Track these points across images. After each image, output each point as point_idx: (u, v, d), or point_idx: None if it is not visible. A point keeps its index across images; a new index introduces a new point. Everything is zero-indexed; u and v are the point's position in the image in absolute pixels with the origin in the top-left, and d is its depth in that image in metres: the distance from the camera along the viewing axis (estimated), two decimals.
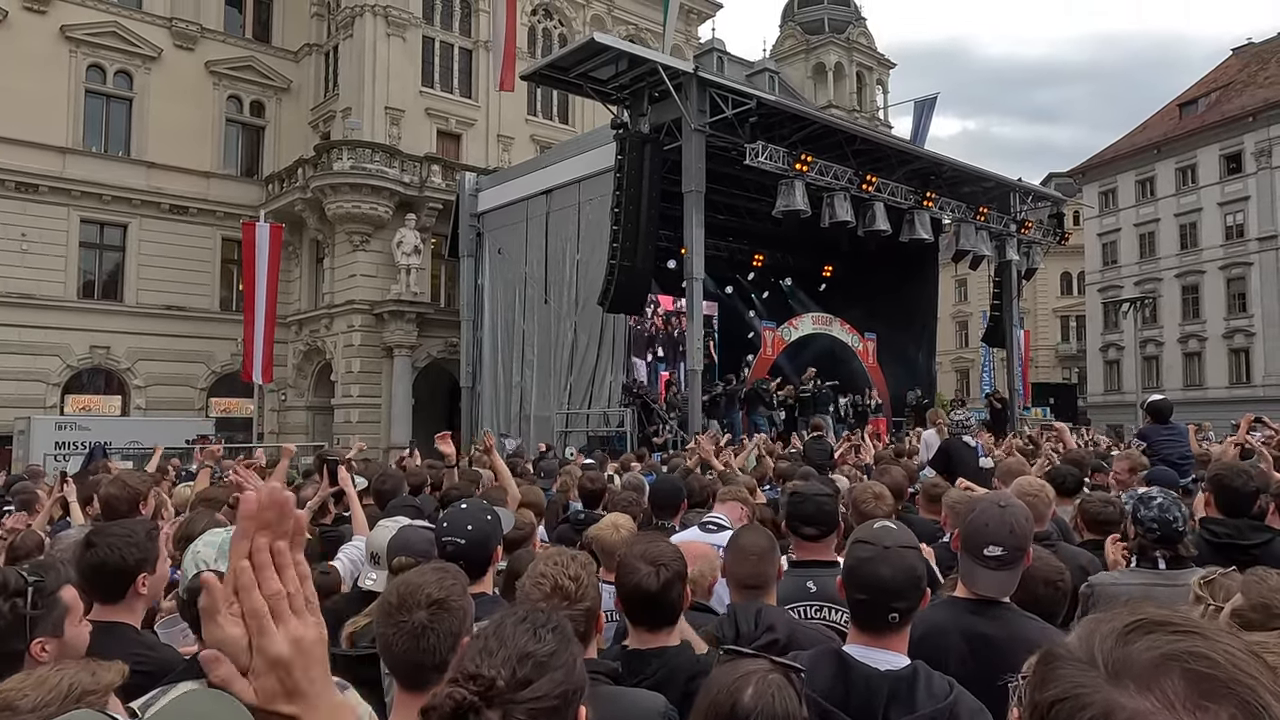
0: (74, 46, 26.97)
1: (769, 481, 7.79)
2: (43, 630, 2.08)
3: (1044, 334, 53.14)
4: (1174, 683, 0.72)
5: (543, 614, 1.50)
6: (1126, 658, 0.75)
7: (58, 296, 26.41)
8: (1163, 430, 8.05)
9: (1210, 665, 0.73)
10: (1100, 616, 0.82)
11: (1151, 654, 0.75)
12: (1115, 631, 0.78)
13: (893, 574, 2.24)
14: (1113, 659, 0.76)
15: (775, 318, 23.73)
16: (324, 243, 28.32)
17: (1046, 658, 0.82)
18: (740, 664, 1.92)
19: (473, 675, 1.32)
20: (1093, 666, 0.76)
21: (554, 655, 1.39)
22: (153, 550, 2.77)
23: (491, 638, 1.40)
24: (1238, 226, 41.14)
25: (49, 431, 22.93)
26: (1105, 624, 0.80)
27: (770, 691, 1.81)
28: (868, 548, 2.31)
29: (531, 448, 16.68)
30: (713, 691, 1.86)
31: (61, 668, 1.67)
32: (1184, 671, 0.73)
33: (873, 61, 55.36)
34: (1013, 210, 23.62)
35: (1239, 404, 30.16)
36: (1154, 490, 3.48)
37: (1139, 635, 0.77)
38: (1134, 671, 0.74)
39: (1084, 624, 0.83)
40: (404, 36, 28.54)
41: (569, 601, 2.37)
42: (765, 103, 17.68)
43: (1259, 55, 43.98)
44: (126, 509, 4.07)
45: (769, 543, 3.11)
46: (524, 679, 1.33)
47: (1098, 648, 0.78)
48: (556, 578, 2.41)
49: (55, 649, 2.08)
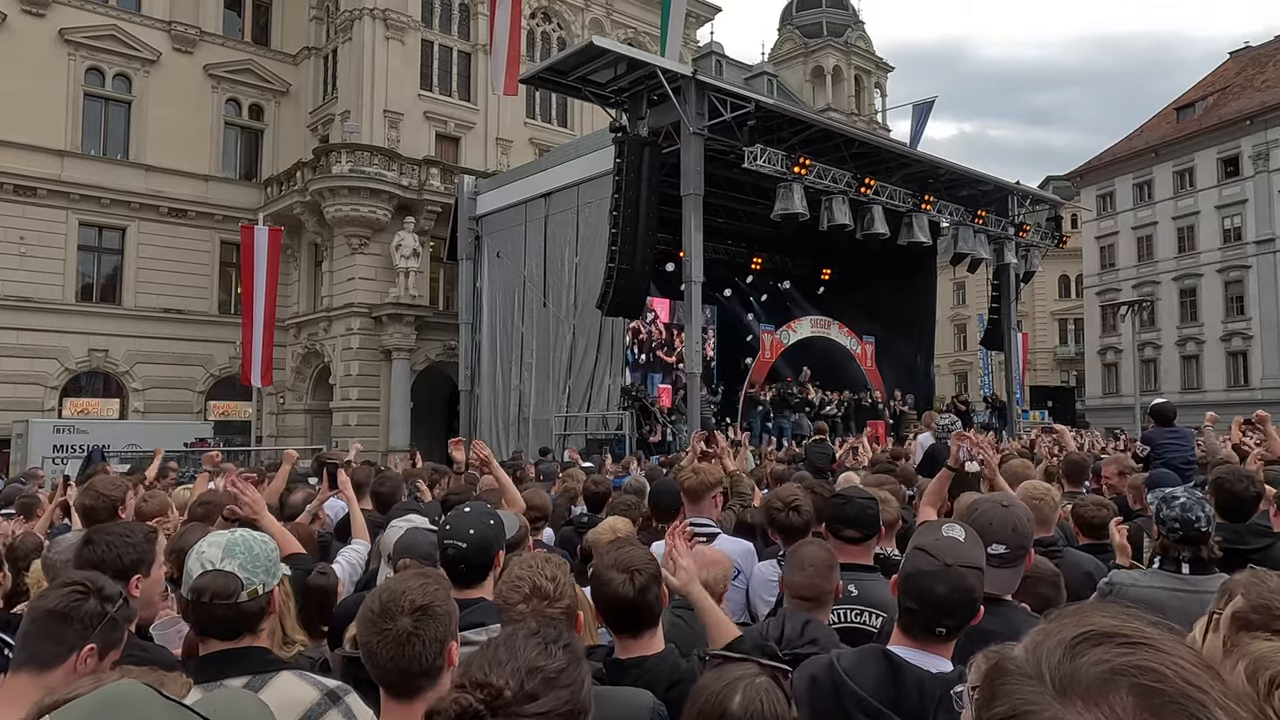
0: (73, 50, 26.98)
1: (766, 484, 7.79)
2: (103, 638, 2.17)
3: (1042, 337, 53.16)
4: (1122, 698, 0.71)
5: (555, 630, 1.49)
6: (1074, 673, 0.74)
7: (56, 299, 26.39)
8: (1167, 433, 7.94)
9: (1158, 679, 0.72)
10: (1048, 627, 0.80)
11: (1099, 669, 0.73)
12: (1063, 644, 0.77)
13: (948, 593, 2.18)
14: (1060, 674, 0.74)
15: (774, 321, 23.74)
16: (323, 246, 28.32)
17: (994, 672, 0.80)
18: (728, 669, 1.91)
19: (480, 683, 1.32)
20: (1040, 682, 0.75)
21: (563, 672, 1.38)
22: (149, 553, 2.76)
23: (502, 648, 1.39)
24: (1235, 230, 41.17)
25: (47, 434, 22.90)
26: (1053, 635, 0.78)
27: (759, 696, 1.81)
28: (930, 560, 2.23)
29: (531, 451, 16.67)
30: (701, 698, 1.85)
31: (127, 673, 1.69)
32: (1132, 686, 0.71)
33: (871, 65, 55.42)
34: (1011, 213, 23.65)
35: (1237, 406, 30.11)
36: (1179, 490, 3.44)
37: (1087, 648, 0.75)
38: (1081, 688, 0.72)
39: (1032, 634, 0.80)
40: (403, 40, 28.56)
41: (547, 601, 2.37)
42: (764, 106, 17.70)
43: (1256, 58, 44.05)
44: (106, 517, 4.06)
45: (830, 558, 3.06)
46: (531, 692, 1.33)
47: (1045, 661, 0.76)
48: (534, 579, 2.41)
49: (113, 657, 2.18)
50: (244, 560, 2.24)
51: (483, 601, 2.91)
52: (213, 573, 2.20)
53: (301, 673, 2.27)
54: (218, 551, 2.24)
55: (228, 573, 2.21)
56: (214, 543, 2.29)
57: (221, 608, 2.19)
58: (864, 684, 2.15)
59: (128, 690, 1.13)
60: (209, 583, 2.19)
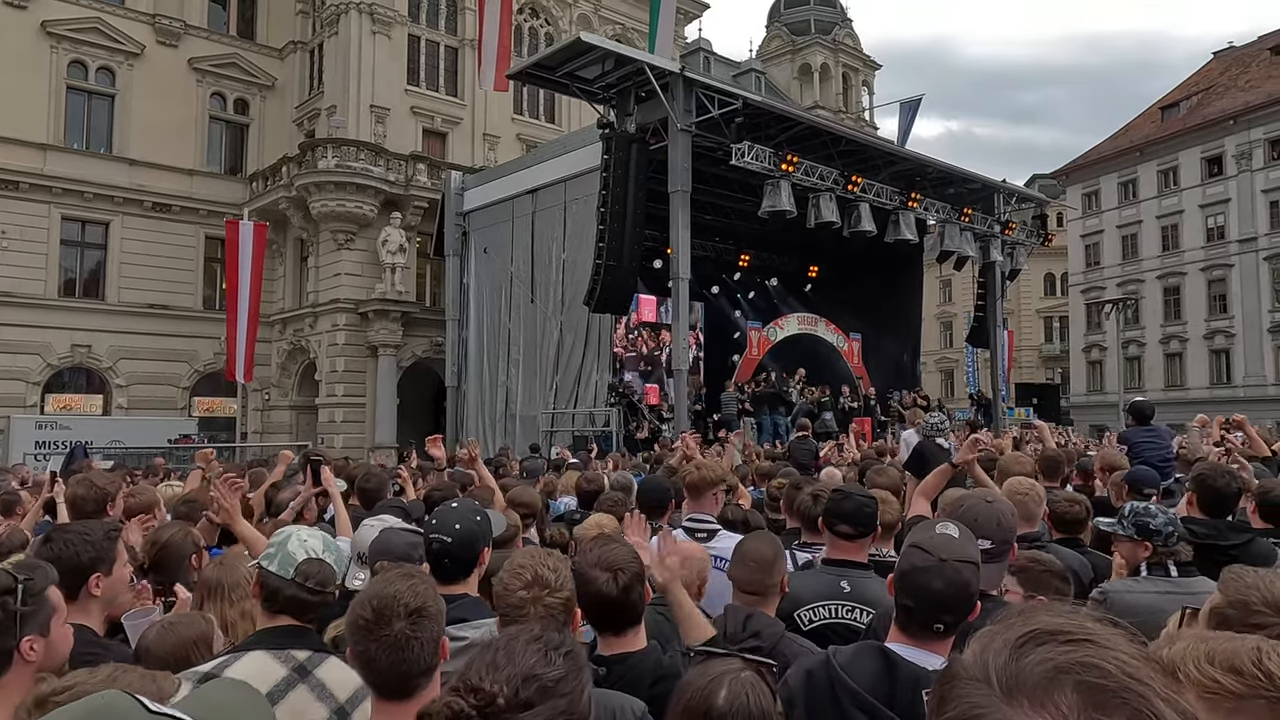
0: (55, 42, 26.71)
1: (751, 481, 7.80)
2: (31, 629, 2.05)
3: (1027, 334, 53.44)
4: (1066, 696, 0.72)
5: (558, 636, 1.46)
6: (1020, 673, 0.75)
7: (38, 294, 26.14)
8: (1143, 432, 8.02)
9: (1102, 675, 0.73)
10: (994, 629, 0.81)
11: (1043, 668, 0.74)
12: (1008, 645, 0.78)
13: (944, 588, 2.18)
14: (1006, 675, 0.75)
15: (761, 318, 23.79)
16: (308, 241, 28.16)
17: (944, 676, 0.81)
18: (713, 664, 1.91)
19: (474, 688, 1.29)
20: (987, 684, 0.76)
21: (561, 681, 1.34)
22: (110, 551, 2.71)
23: (500, 652, 1.36)
24: (1219, 229, 41.47)
25: (29, 431, 22.73)
26: (999, 636, 0.79)
27: (744, 691, 1.80)
28: (925, 556, 2.23)
29: (520, 448, 16.64)
30: (686, 694, 1.85)
31: (127, 671, 1.68)
32: (1076, 684, 0.72)
33: (858, 62, 55.52)
34: (997, 211, 23.75)
35: (1220, 405, 30.36)
36: (1138, 504, 3.49)
37: (1031, 648, 0.77)
38: (1027, 687, 0.74)
39: (979, 637, 0.82)
40: (389, 34, 28.41)
41: (548, 590, 2.36)
42: (751, 103, 17.71)
43: (1240, 59, 44.36)
44: (93, 509, 4.02)
45: (773, 551, 3.06)
46: (525, 701, 1.29)
47: (991, 663, 0.77)
48: (536, 568, 2.40)
49: (43, 649, 2.06)
50: (335, 559, 2.46)
51: (466, 597, 2.89)
52: (317, 560, 2.39)
53: (274, 650, 2.28)
54: (319, 544, 2.45)
55: (330, 565, 2.41)
56: (314, 535, 2.53)
57: (318, 591, 2.38)
58: (860, 680, 2.15)
59: (112, 702, 1.08)
60: (316, 570, 2.37)
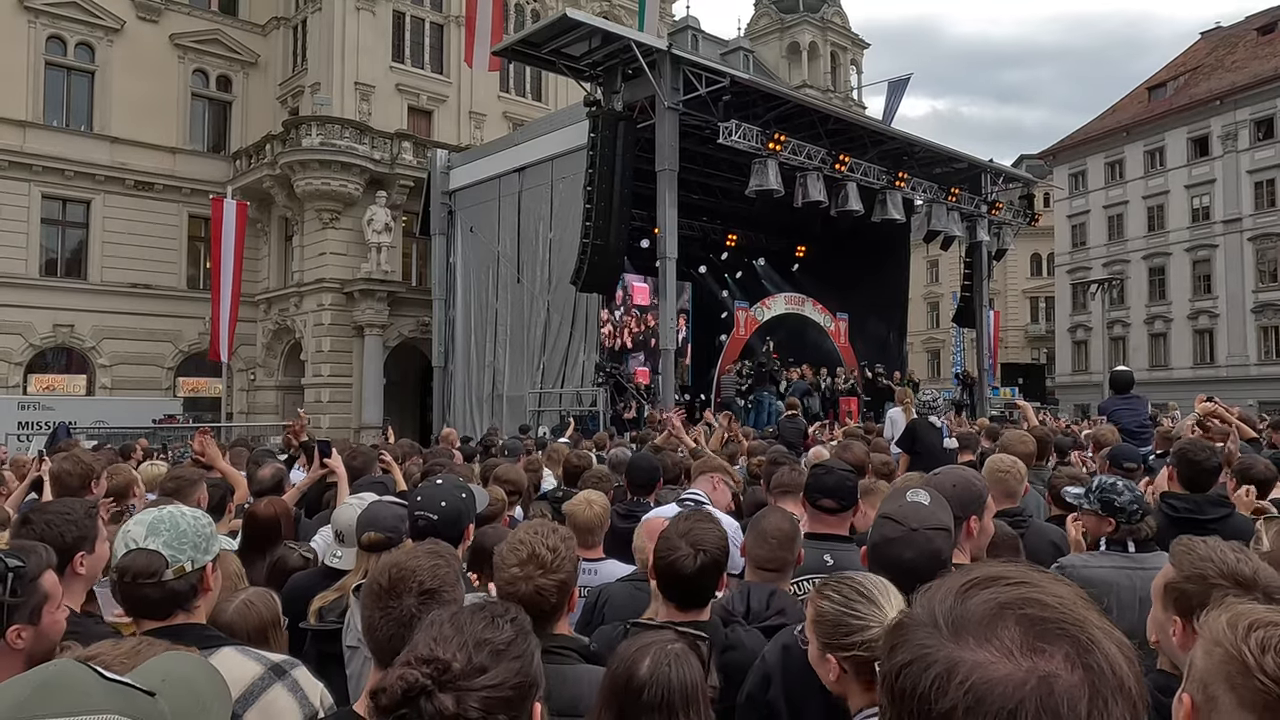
0: (33, 17, 26.29)
1: (738, 460, 7.82)
2: (20, 617, 2.00)
3: (1014, 314, 53.70)
4: (1010, 630, 0.76)
5: (501, 605, 1.47)
6: (965, 613, 0.79)
7: (19, 274, 25.87)
8: (1120, 400, 8.35)
9: (1042, 609, 0.77)
10: (938, 582, 0.85)
11: (986, 606, 0.78)
12: (953, 591, 0.82)
13: (915, 557, 2.19)
14: (952, 617, 0.79)
15: (748, 298, 23.78)
16: (293, 220, 27.93)
17: (894, 627, 0.84)
18: (643, 636, 1.92)
19: (427, 659, 1.28)
20: (935, 627, 0.79)
21: (512, 644, 1.35)
22: (91, 529, 2.68)
23: (447, 624, 1.36)
24: (1204, 209, 41.66)
25: (11, 411, 22.54)
26: (943, 586, 0.83)
27: (667, 661, 1.81)
28: (895, 527, 2.25)
29: (509, 429, 16.64)
30: (613, 664, 1.87)
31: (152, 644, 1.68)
32: (1019, 618, 0.76)
33: (847, 41, 55.33)
34: (984, 191, 23.76)
35: (1203, 384, 30.67)
36: (1105, 479, 3.50)
37: (975, 591, 0.81)
38: (972, 625, 0.77)
39: (924, 591, 0.85)
40: (374, 10, 28.10)
41: (543, 570, 2.34)
42: (739, 81, 17.62)
43: (1227, 39, 44.43)
44: (78, 485, 3.99)
45: (792, 528, 3.07)
46: (480, 665, 1.29)
47: (937, 609, 0.81)
48: (534, 545, 2.37)
49: (30, 637, 2.02)
50: (169, 538, 2.18)
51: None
52: (136, 551, 2.16)
53: (244, 648, 2.23)
54: (142, 530, 2.19)
55: (151, 551, 2.15)
56: (139, 521, 2.24)
57: (147, 587, 2.14)
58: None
59: (64, 670, 1.05)
60: (131, 562, 2.15)
